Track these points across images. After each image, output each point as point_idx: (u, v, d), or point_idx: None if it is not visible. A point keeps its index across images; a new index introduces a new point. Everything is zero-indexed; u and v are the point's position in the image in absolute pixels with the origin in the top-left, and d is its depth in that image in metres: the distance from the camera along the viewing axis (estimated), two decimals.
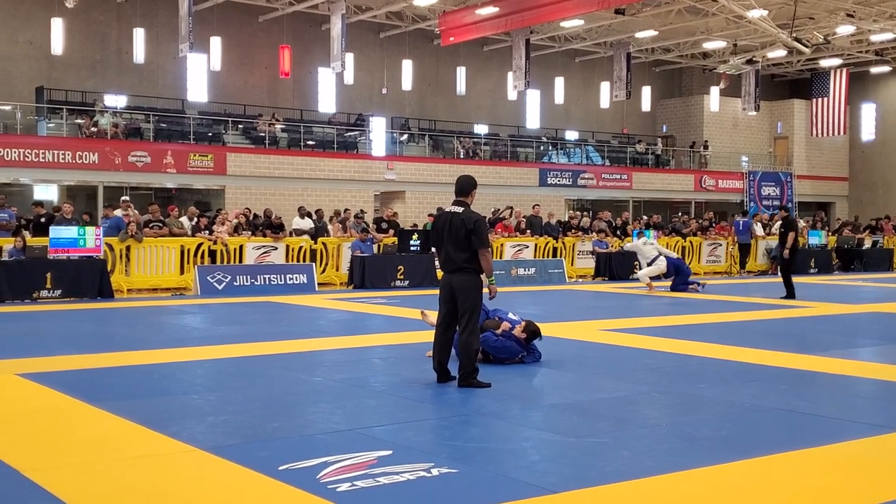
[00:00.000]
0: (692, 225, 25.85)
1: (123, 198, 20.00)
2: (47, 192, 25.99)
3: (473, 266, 7.40)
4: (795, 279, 16.83)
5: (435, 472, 4.80)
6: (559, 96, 36.37)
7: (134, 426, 5.87)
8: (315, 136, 29.81)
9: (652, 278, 18.08)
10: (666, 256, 18.48)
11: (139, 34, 26.86)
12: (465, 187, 7.61)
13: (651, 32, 31.79)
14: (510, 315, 8.93)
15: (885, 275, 23.94)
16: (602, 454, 5.32)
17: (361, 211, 23.18)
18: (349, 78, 30.98)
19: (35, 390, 7.17)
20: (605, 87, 35.85)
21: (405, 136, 32.20)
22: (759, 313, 13.79)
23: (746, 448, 5.39)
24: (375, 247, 18.95)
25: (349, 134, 30.43)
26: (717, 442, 5.64)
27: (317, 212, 21.63)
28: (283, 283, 17.52)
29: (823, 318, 13.49)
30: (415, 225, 22.96)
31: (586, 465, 5.07)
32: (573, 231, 23.08)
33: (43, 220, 17.14)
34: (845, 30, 31.34)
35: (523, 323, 8.70)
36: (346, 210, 21.83)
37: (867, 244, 26.96)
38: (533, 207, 24.02)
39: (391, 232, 20.24)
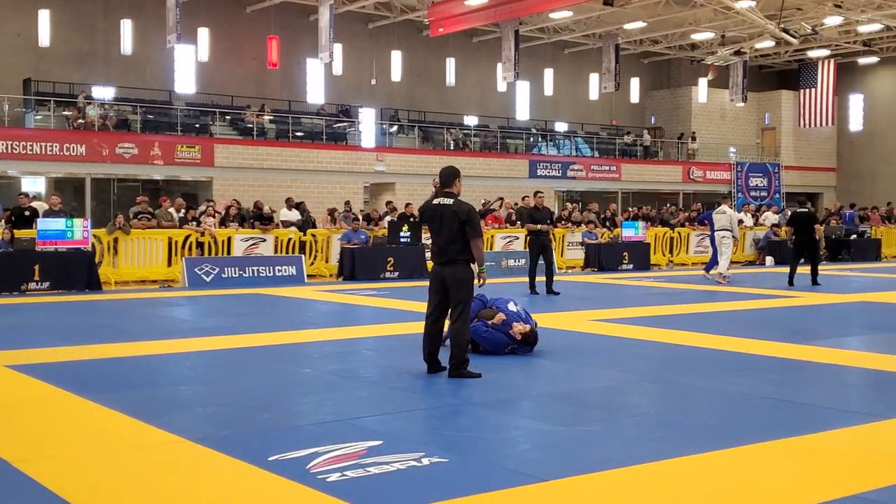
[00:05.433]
0: (680, 216, 26.04)
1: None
2: (35, 185, 25.83)
3: (465, 257, 7.40)
4: (784, 269, 16.94)
5: (426, 461, 4.80)
6: (548, 88, 36.39)
7: (123, 417, 5.85)
8: (304, 127, 29.72)
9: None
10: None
11: (126, 25, 26.71)
12: (449, 178, 7.60)
13: (639, 24, 31.79)
14: (509, 306, 8.79)
15: (873, 264, 24.05)
16: (592, 443, 5.33)
17: (351, 204, 23.12)
18: (338, 69, 30.89)
19: (24, 382, 7.14)
20: (593, 78, 35.90)
21: (395, 128, 32.13)
22: (748, 303, 13.83)
23: (736, 436, 5.40)
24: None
25: (338, 125, 30.35)
26: (706, 430, 5.66)
27: (299, 204, 21.52)
28: (271, 275, 17.47)
29: (812, 308, 13.55)
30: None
31: (577, 454, 5.08)
32: (563, 222, 23.08)
33: (27, 213, 17.05)
34: (833, 20, 31.40)
35: (527, 328, 8.57)
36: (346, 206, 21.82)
37: (855, 234, 27.07)
38: (523, 199, 24.00)
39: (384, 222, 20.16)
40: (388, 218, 20.55)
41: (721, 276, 17.58)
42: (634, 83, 38.64)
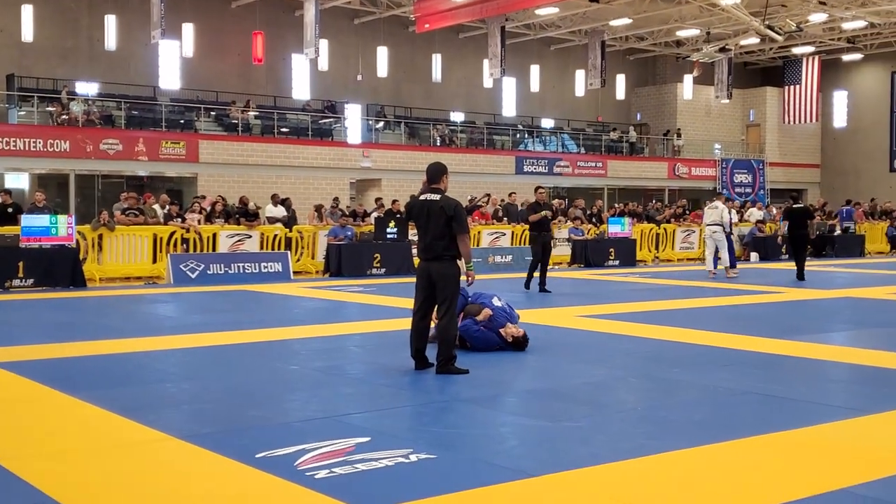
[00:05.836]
0: (666, 212, 26.15)
1: None
2: (19, 181, 25.69)
3: (452, 253, 7.40)
4: (769, 265, 17.01)
5: (413, 457, 4.80)
6: (535, 84, 36.43)
7: (109, 415, 5.83)
8: (289, 123, 29.64)
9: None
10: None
11: (110, 21, 26.56)
12: (437, 174, 7.59)
13: (625, 20, 31.87)
14: (494, 301, 8.78)
15: (857, 260, 24.20)
16: (578, 438, 5.34)
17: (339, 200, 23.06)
18: (323, 64, 30.84)
19: (9, 379, 7.10)
20: (580, 75, 35.99)
21: (381, 124, 32.10)
22: (733, 299, 13.90)
23: (721, 431, 5.43)
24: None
25: (324, 121, 30.29)
26: (692, 425, 5.69)
27: (285, 200, 21.42)
28: (257, 271, 17.42)
29: (796, 304, 13.61)
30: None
31: (563, 449, 5.10)
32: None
33: (10, 209, 16.93)
34: (817, 17, 31.58)
35: (520, 332, 8.55)
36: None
37: (838, 230, 27.24)
38: (510, 195, 24.04)
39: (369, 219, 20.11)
40: (374, 214, 20.53)
41: (726, 269, 17.68)
42: (620, 80, 38.72)
